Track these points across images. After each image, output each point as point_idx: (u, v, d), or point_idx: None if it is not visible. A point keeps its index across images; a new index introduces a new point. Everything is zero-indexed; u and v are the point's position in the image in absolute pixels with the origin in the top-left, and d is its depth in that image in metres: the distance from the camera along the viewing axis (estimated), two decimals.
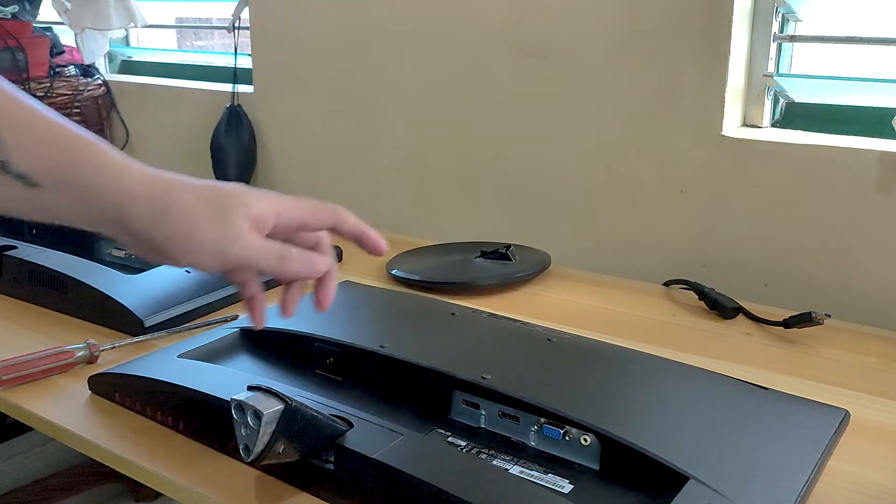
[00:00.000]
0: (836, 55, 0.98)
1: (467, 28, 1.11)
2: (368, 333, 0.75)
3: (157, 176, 0.52)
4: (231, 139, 1.38)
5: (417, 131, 1.20)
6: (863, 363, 0.76)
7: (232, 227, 0.52)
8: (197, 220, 0.51)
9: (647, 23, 0.97)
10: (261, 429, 0.51)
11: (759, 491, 0.53)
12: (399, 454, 0.53)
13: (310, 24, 1.28)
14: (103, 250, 1.06)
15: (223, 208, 0.52)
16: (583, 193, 1.07)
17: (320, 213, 0.58)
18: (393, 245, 1.10)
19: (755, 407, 0.65)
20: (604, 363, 0.71)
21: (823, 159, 0.89)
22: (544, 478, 0.57)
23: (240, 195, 0.53)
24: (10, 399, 0.70)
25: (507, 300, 0.92)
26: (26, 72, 1.46)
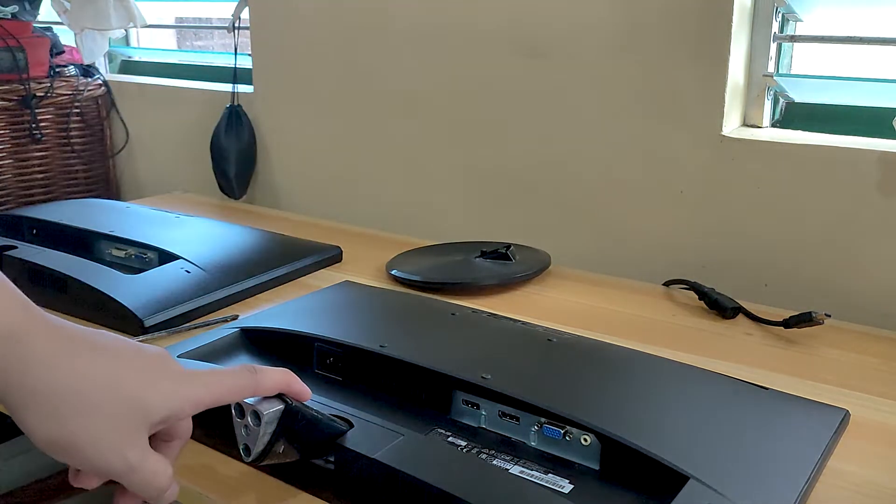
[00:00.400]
0: (836, 55, 0.98)
1: (467, 28, 1.11)
2: (368, 333, 0.75)
3: (71, 352, 0.43)
4: (231, 139, 1.38)
5: (418, 131, 1.20)
6: (863, 363, 0.76)
7: (128, 443, 0.44)
8: (100, 439, 0.43)
9: (647, 23, 0.97)
10: (261, 429, 0.51)
11: (759, 491, 0.53)
12: (399, 454, 0.53)
13: (310, 24, 1.28)
14: (103, 250, 1.06)
15: (131, 423, 0.44)
16: (583, 193, 1.07)
17: (236, 392, 0.50)
18: (393, 245, 1.11)
19: (755, 407, 0.65)
20: (604, 363, 0.71)
21: (823, 159, 0.89)
22: (544, 478, 0.57)
23: (151, 406, 0.45)
24: None
25: (507, 300, 0.92)
26: (26, 72, 1.46)
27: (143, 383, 0.45)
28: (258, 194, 1.43)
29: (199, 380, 0.48)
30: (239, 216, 1.29)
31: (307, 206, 1.36)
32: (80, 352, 0.44)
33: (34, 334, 0.43)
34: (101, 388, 0.44)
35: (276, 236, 1.09)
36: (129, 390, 0.44)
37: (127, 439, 0.44)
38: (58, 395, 0.42)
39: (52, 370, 0.42)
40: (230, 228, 1.12)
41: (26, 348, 0.42)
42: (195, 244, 1.01)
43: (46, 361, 0.43)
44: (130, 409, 0.44)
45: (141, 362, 0.46)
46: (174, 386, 0.46)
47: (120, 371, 0.45)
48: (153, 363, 0.47)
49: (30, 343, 0.42)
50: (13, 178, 1.49)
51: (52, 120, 1.53)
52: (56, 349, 0.43)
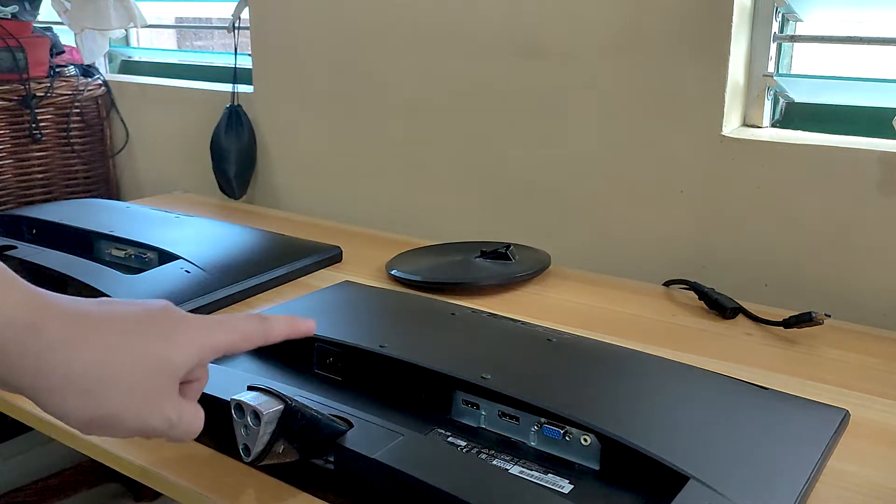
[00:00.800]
0: (836, 55, 0.98)
1: (467, 28, 1.11)
2: (368, 333, 0.75)
3: (87, 330, 0.44)
4: (231, 139, 1.38)
5: (418, 131, 1.20)
6: (863, 363, 0.76)
7: (162, 401, 0.46)
8: (133, 403, 0.45)
9: (647, 23, 0.97)
10: (261, 429, 0.51)
11: (759, 491, 0.53)
12: (399, 454, 0.53)
13: (310, 24, 1.28)
14: (103, 250, 1.06)
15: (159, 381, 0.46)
16: (583, 193, 1.07)
17: (248, 337, 0.52)
18: (393, 245, 1.11)
19: (755, 407, 0.65)
20: (604, 363, 0.71)
21: (823, 159, 0.89)
22: (544, 478, 0.57)
23: (173, 359, 0.46)
24: (10, 399, 0.70)
25: (507, 300, 0.92)
26: (26, 72, 1.46)
27: (159, 341, 0.46)
28: (258, 194, 1.43)
29: (214, 326, 0.50)
30: (239, 216, 1.29)
31: (307, 206, 1.36)
32: (95, 329, 0.45)
33: (49, 322, 0.43)
34: (125, 358, 0.45)
35: (276, 236, 1.09)
36: (152, 352, 0.46)
37: (162, 399, 0.46)
38: (86, 375, 0.43)
39: (74, 352, 0.43)
40: (230, 228, 1.12)
41: (45, 337, 0.42)
42: (195, 244, 1.01)
43: (67, 345, 0.43)
44: (157, 369, 0.46)
45: (153, 321, 0.47)
46: (191, 336, 0.48)
47: (138, 336, 0.46)
48: (162, 318, 0.48)
49: (47, 331, 0.43)
50: (13, 178, 1.49)
51: (52, 120, 1.53)
52: (73, 331, 0.44)
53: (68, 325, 0.44)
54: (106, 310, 0.46)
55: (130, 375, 0.45)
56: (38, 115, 1.49)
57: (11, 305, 0.42)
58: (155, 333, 0.46)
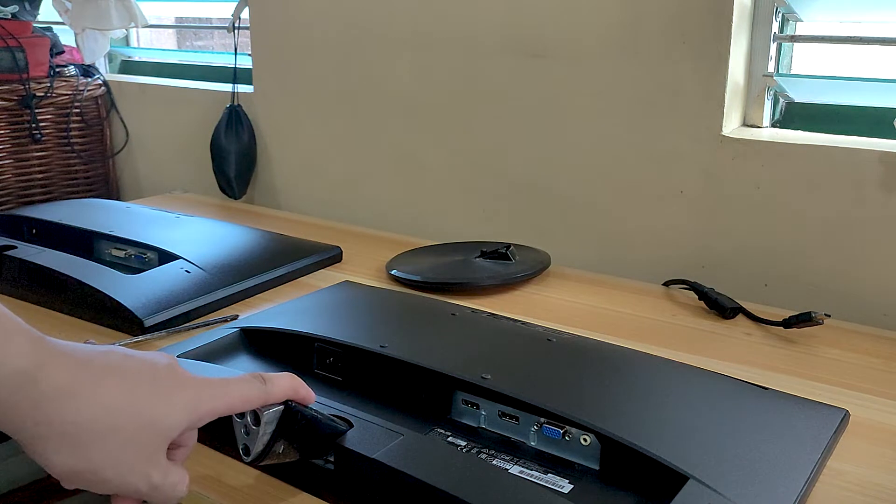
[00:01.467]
0: (836, 55, 0.98)
1: (467, 28, 1.11)
2: (368, 333, 0.75)
3: (85, 383, 0.43)
4: (231, 139, 1.38)
5: (418, 131, 1.20)
6: (863, 363, 0.76)
7: (149, 464, 0.45)
8: (121, 463, 0.44)
9: (647, 23, 0.97)
10: (260, 429, 0.51)
11: (759, 491, 0.53)
12: (399, 454, 0.53)
13: (310, 24, 1.28)
14: (103, 250, 1.06)
15: (150, 445, 0.45)
16: (583, 193, 1.07)
17: (248, 401, 0.50)
18: (393, 245, 1.11)
19: (755, 407, 0.65)
20: (604, 363, 0.71)
21: (823, 159, 0.89)
22: (544, 478, 0.57)
23: (169, 423, 0.45)
24: None
25: (507, 300, 0.92)
26: (26, 72, 1.46)
27: (158, 401, 0.45)
28: (258, 194, 1.43)
29: (213, 390, 0.48)
30: (239, 216, 1.29)
31: (307, 206, 1.36)
32: (93, 378, 0.44)
33: (46, 369, 0.42)
34: (118, 413, 0.44)
35: (276, 236, 1.09)
36: (147, 410, 0.44)
37: (149, 460, 0.45)
38: (76, 425, 0.42)
39: (67, 402, 0.42)
40: (230, 228, 1.12)
41: (39, 385, 0.41)
42: (195, 244, 1.01)
43: (61, 394, 0.42)
44: (149, 429, 0.45)
45: (153, 378, 0.46)
46: (189, 398, 0.47)
47: (135, 392, 0.45)
48: (165, 376, 0.46)
49: (42, 379, 0.42)
50: (13, 178, 1.49)
51: (52, 120, 1.53)
52: (69, 380, 0.43)
53: (67, 373, 0.43)
54: (109, 361, 0.45)
55: (122, 432, 0.44)
56: (38, 115, 1.49)
57: (12, 354, 0.41)
58: (155, 393, 0.45)
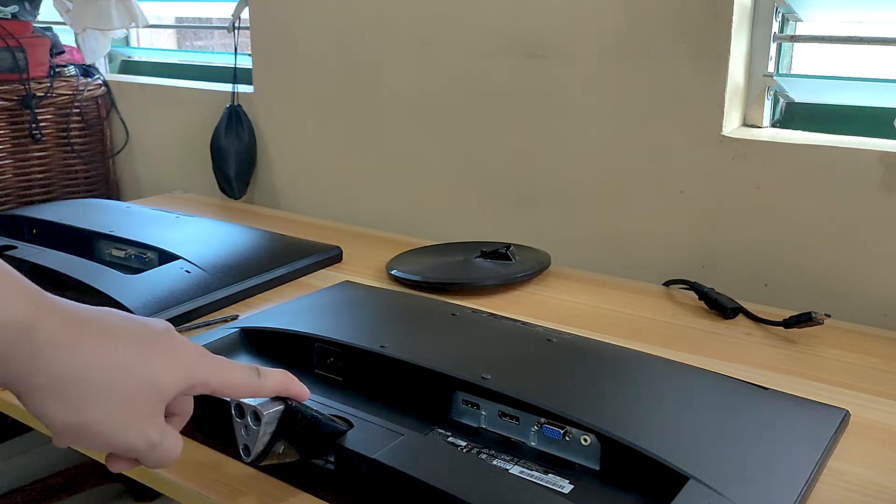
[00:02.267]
0: (836, 55, 0.98)
1: (467, 28, 1.11)
2: (368, 333, 0.75)
3: (83, 338, 0.44)
4: (231, 139, 1.38)
5: (417, 131, 1.20)
6: (863, 363, 0.76)
7: (145, 421, 0.45)
8: (117, 419, 0.44)
9: (646, 23, 0.97)
10: (261, 429, 0.51)
11: (759, 491, 0.53)
12: (399, 454, 0.53)
13: (310, 24, 1.28)
14: (103, 250, 1.06)
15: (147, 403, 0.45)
16: (583, 193, 1.07)
17: (240, 388, 0.50)
18: (393, 245, 1.11)
19: (755, 407, 0.65)
20: (604, 363, 0.71)
21: (823, 159, 0.89)
22: (544, 478, 0.57)
23: (163, 384, 0.46)
24: (10, 399, 0.70)
25: (507, 300, 0.92)
26: (26, 72, 1.46)
27: (156, 360, 0.46)
28: (258, 194, 1.43)
29: (210, 362, 0.49)
30: (239, 216, 1.29)
31: (307, 206, 1.36)
32: (92, 336, 0.44)
33: (46, 323, 0.42)
34: (116, 370, 0.44)
35: (276, 236, 1.09)
36: (144, 369, 0.45)
37: (146, 418, 0.45)
38: (74, 380, 0.43)
39: (65, 356, 0.42)
40: (230, 228, 1.12)
41: (37, 338, 0.42)
42: (195, 244, 1.01)
43: (60, 348, 0.42)
44: (146, 388, 0.45)
45: (151, 339, 0.46)
46: (187, 361, 0.47)
47: (133, 352, 0.45)
48: (163, 339, 0.47)
49: (41, 332, 0.42)
50: (13, 178, 1.49)
51: (52, 120, 1.53)
52: (68, 336, 0.43)
53: (64, 327, 0.43)
54: (107, 319, 0.46)
55: (120, 388, 0.44)
56: (38, 115, 1.49)
57: (7, 306, 0.41)
58: (152, 352, 0.46)
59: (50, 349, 0.42)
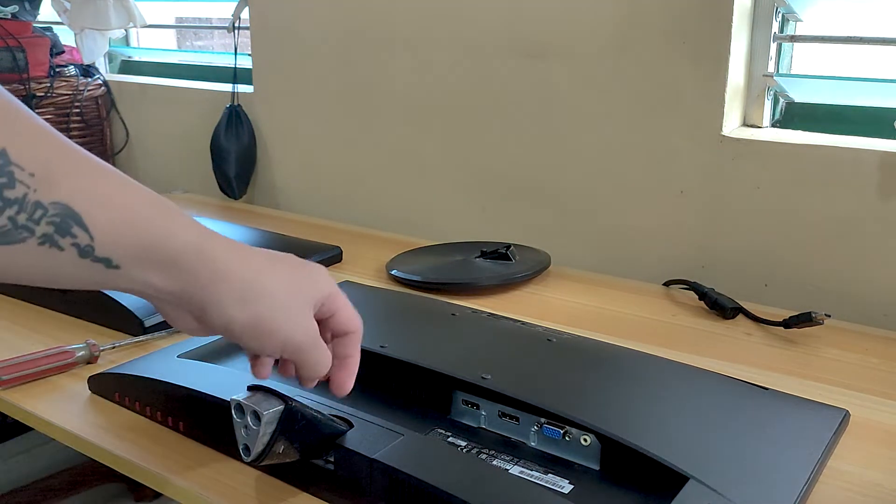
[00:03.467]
0: (836, 55, 0.98)
1: (467, 28, 1.11)
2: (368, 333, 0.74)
3: (245, 253, 0.51)
4: (231, 139, 1.38)
5: (417, 131, 1.20)
6: (863, 363, 0.76)
7: (306, 317, 0.53)
8: (284, 313, 0.51)
9: (646, 23, 0.97)
10: (261, 429, 0.51)
11: (759, 491, 0.53)
12: (399, 454, 0.53)
13: (310, 24, 1.28)
14: None
15: (304, 298, 0.53)
16: (583, 193, 1.07)
17: (355, 323, 0.57)
18: (393, 245, 1.11)
19: (755, 407, 0.65)
20: (604, 363, 0.71)
21: (823, 159, 0.90)
22: (544, 478, 0.57)
23: (317, 281, 0.54)
24: (10, 399, 0.70)
25: (507, 300, 0.92)
26: (26, 72, 1.46)
27: (304, 271, 0.54)
28: (258, 194, 1.43)
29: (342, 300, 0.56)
30: (239, 216, 1.29)
31: (307, 206, 1.36)
32: (250, 253, 0.51)
33: (214, 245, 0.49)
34: (276, 277, 0.51)
35: (276, 236, 1.09)
36: (297, 276, 0.53)
37: (308, 316, 0.52)
38: (245, 286, 0.49)
39: (235, 268, 0.49)
40: (230, 228, 1.12)
41: (211, 256, 0.48)
42: None
43: (233, 261, 0.49)
44: (303, 289, 0.52)
45: (294, 260, 0.54)
46: (324, 273, 0.55)
47: (285, 264, 0.53)
48: (303, 262, 0.55)
49: (212, 251, 0.49)
50: None
51: (52, 120, 1.53)
52: (233, 254, 0.50)
53: (229, 249, 0.50)
54: (253, 247, 0.53)
55: (281, 290, 0.51)
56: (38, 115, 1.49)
57: (183, 233, 0.48)
58: (298, 266, 0.53)
59: (225, 262, 0.49)
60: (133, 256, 0.45)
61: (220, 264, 0.48)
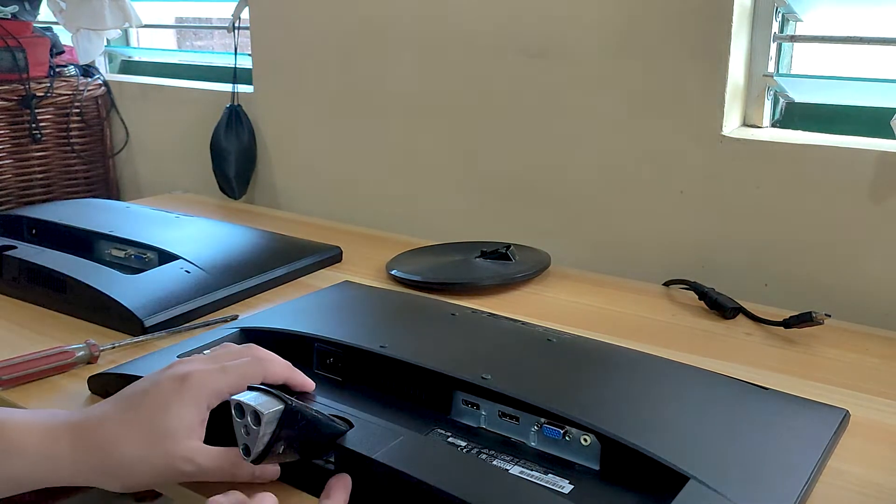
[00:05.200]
0: (836, 55, 0.98)
1: (467, 28, 1.11)
2: (368, 333, 0.75)
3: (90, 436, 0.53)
4: (231, 139, 1.38)
5: (417, 131, 1.20)
6: (863, 363, 0.76)
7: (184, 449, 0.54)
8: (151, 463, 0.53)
9: (647, 23, 0.97)
10: (261, 429, 0.51)
11: (759, 491, 0.53)
12: (399, 454, 0.53)
13: (310, 24, 1.28)
14: (103, 250, 1.06)
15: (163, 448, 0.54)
16: (583, 193, 1.07)
17: (248, 378, 0.58)
18: (393, 245, 1.11)
19: (755, 407, 0.65)
20: (604, 363, 0.71)
21: (823, 159, 0.89)
22: (544, 478, 0.57)
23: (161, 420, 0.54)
24: (10, 399, 0.70)
25: (507, 300, 0.92)
26: (26, 72, 1.46)
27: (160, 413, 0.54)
28: (258, 194, 1.43)
29: (215, 374, 0.56)
30: (239, 216, 1.29)
31: (307, 206, 1.36)
32: (95, 429, 0.53)
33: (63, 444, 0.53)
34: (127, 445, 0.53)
35: (276, 236, 1.09)
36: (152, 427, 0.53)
37: (176, 458, 0.53)
38: (101, 466, 0.53)
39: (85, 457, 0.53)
40: (230, 228, 1.12)
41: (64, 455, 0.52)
42: (195, 244, 1.01)
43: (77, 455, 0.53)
44: (162, 439, 0.53)
45: (148, 396, 0.55)
46: (191, 397, 0.55)
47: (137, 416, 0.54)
48: (164, 389, 0.55)
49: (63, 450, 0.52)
50: (13, 178, 1.49)
51: (52, 120, 1.53)
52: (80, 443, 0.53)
53: (77, 439, 0.53)
54: (102, 410, 0.54)
55: (138, 454, 0.52)
56: (38, 115, 1.49)
57: (35, 444, 0.52)
58: (152, 408, 0.54)
59: (71, 460, 0.52)
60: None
61: (71, 462, 0.52)
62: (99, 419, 0.54)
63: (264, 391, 0.53)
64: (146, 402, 0.54)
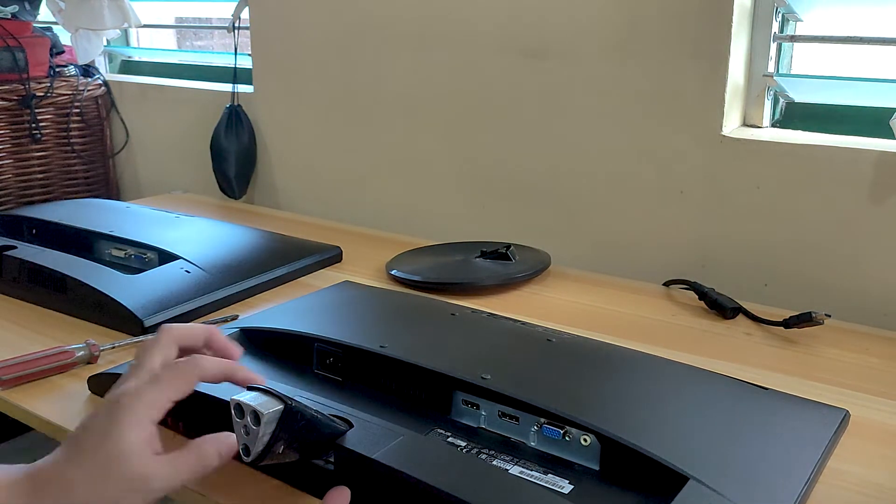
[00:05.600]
0: (836, 55, 0.98)
1: (467, 28, 1.11)
2: (368, 333, 0.75)
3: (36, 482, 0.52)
4: (231, 139, 1.38)
5: (417, 131, 1.20)
6: (863, 363, 0.76)
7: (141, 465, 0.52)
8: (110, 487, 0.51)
9: (647, 23, 0.97)
10: (260, 429, 0.51)
11: (759, 491, 0.53)
12: (399, 454, 0.53)
13: (310, 24, 1.28)
14: (103, 250, 1.06)
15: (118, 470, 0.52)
16: (583, 193, 1.07)
17: (179, 387, 0.56)
18: (393, 245, 1.11)
19: (755, 407, 0.65)
20: (604, 363, 0.71)
21: (823, 159, 0.89)
22: (544, 478, 0.57)
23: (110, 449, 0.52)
24: (10, 399, 0.70)
25: (507, 300, 0.92)
26: (26, 72, 1.46)
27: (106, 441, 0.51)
28: (258, 194, 1.43)
29: (147, 392, 0.53)
30: (239, 216, 1.29)
31: (307, 206, 1.36)
32: (49, 476, 0.51)
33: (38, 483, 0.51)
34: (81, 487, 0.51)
35: (276, 236, 1.09)
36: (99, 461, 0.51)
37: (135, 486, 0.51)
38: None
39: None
40: (230, 228, 1.12)
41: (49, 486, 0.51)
42: (195, 244, 1.01)
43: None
44: (114, 467, 0.51)
45: (86, 431, 0.53)
46: (130, 421, 0.52)
47: (80, 453, 0.52)
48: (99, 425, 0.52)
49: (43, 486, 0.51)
50: (13, 178, 1.49)
51: (52, 120, 1.53)
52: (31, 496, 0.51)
53: (34, 490, 0.51)
54: (53, 457, 0.52)
55: (95, 490, 0.50)
56: (38, 115, 1.49)
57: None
58: (94, 441, 0.51)
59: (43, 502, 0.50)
60: None
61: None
62: (52, 465, 0.52)
63: (264, 391, 0.53)
64: (88, 438, 0.52)
